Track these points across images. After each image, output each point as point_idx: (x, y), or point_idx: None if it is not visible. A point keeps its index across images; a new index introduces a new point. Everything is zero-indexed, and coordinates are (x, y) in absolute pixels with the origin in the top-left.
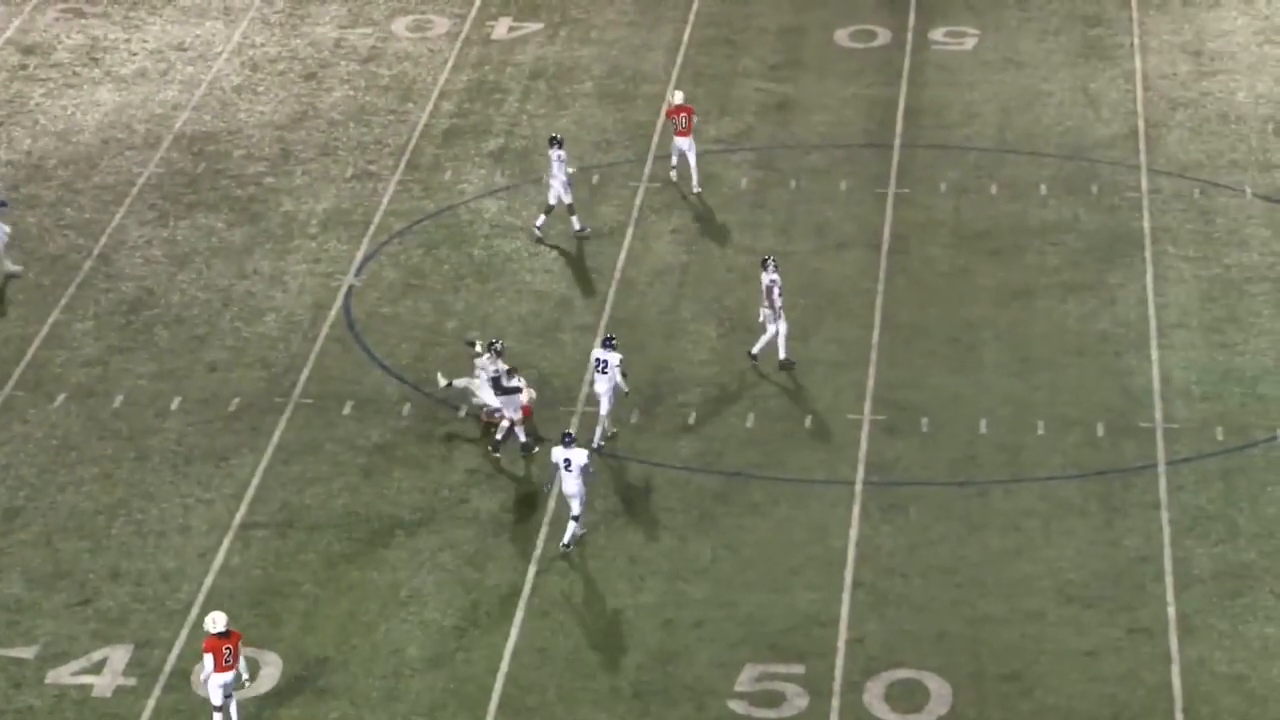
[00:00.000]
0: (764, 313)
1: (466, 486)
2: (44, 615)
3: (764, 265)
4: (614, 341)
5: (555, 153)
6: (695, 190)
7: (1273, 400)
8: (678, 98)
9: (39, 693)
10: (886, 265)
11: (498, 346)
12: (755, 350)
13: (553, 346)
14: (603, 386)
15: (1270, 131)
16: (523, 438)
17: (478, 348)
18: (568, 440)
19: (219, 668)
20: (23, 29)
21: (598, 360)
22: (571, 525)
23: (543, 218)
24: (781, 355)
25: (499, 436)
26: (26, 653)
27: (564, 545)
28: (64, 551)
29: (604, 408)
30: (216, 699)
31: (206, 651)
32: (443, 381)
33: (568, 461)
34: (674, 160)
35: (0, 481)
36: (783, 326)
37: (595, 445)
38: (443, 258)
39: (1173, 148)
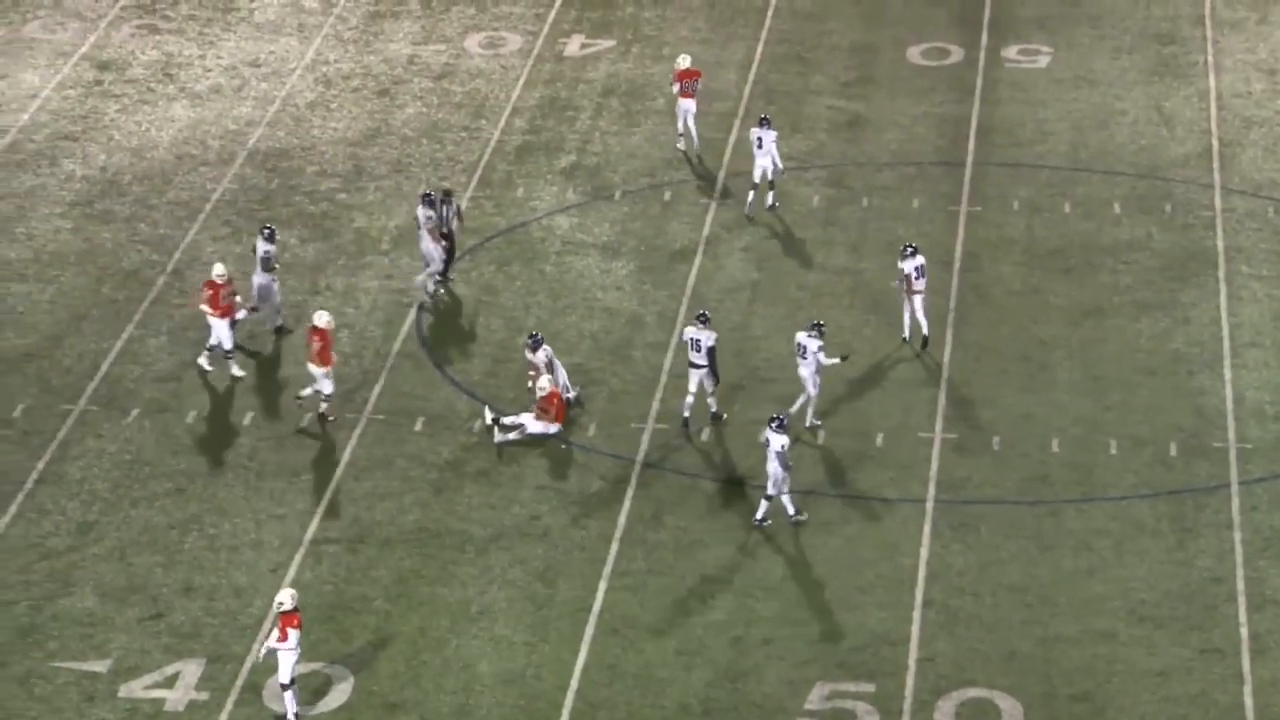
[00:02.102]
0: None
1: (537, 503)
2: (117, 629)
3: (908, 253)
4: (821, 327)
5: (764, 132)
6: (696, 155)
7: None
8: (685, 62)
9: (112, 706)
10: (958, 283)
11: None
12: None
13: (624, 363)
14: (804, 372)
15: None
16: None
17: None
18: (776, 423)
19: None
20: (98, 45)
21: (798, 345)
22: (785, 499)
23: (751, 194)
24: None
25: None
26: (100, 666)
27: (793, 518)
28: (137, 566)
29: (810, 391)
30: (288, 675)
31: (289, 626)
32: (489, 417)
33: (767, 442)
34: (680, 126)
35: (74, 496)
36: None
37: (809, 424)
38: (514, 274)
39: (1247, 166)
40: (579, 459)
